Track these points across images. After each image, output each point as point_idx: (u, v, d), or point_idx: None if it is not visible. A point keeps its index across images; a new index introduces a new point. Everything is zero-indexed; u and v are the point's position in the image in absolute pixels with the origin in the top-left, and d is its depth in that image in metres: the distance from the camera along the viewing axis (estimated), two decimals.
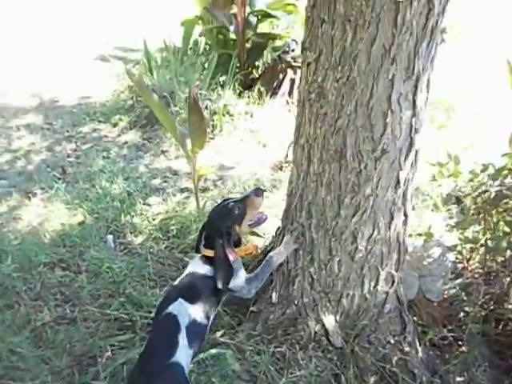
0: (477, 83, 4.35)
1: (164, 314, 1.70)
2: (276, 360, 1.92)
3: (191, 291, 1.77)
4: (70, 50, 5.51)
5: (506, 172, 1.97)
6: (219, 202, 2.00)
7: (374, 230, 1.81)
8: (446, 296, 2.25)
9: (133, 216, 2.81)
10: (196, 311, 1.71)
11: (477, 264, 2.25)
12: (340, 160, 1.71)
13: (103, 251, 2.54)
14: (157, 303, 2.17)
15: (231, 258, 1.79)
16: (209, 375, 1.87)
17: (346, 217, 1.79)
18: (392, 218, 1.81)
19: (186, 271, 1.87)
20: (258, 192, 1.93)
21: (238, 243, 1.90)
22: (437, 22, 1.49)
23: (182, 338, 1.60)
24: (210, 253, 1.83)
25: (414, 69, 1.54)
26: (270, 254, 1.96)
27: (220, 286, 1.76)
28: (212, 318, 1.82)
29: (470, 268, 2.25)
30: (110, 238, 2.66)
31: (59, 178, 3.22)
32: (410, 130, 1.66)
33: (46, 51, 5.43)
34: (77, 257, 2.50)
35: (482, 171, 2.04)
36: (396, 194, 1.77)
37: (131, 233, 2.71)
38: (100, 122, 3.97)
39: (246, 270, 2.05)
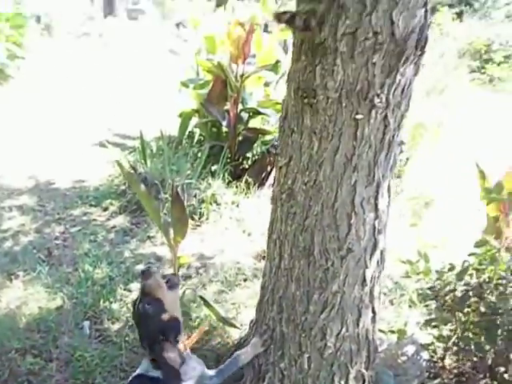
0: (454, 182, 4.57)
1: None
2: None
3: None
4: (72, 135, 5.81)
5: (471, 272, 2.05)
6: (132, 303, 1.83)
7: (342, 327, 1.84)
8: None
9: (112, 302, 2.81)
10: None
11: (451, 363, 2.24)
12: (308, 257, 1.79)
13: (77, 338, 2.52)
14: None
15: (176, 356, 1.70)
16: None
17: (314, 312, 1.83)
18: (360, 315, 1.85)
19: (137, 372, 1.77)
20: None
21: (176, 324, 1.76)
22: (393, 136, 1.66)
23: None
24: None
25: (374, 176, 1.68)
26: (238, 352, 1.96)
27: None
28: None
29: (444, 367, 2.23)
30: (86, 324, 2.64)
31: (44, 261, 3.25)
32: (374, 231, 1.76)
33: (49, 136, 5.72)
34: (50, 343, 2.47)
35: (449, 270, 2.11)
36: (363, 292, 1.83)
37: (108, 319, 2.70)
38: (91, 205, 4.09)
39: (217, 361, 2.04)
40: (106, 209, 4.03)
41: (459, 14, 16.23)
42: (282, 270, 1.89)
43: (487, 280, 2.04)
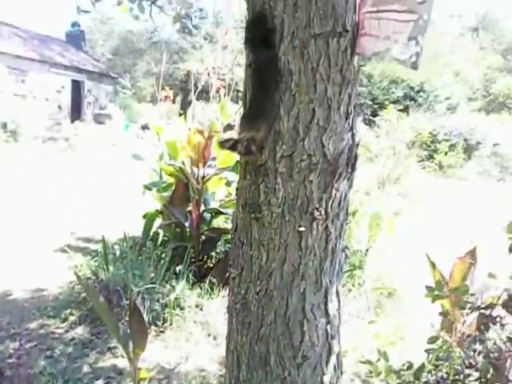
0: (413, 271, 4.71)
1: None
2: None
3: None
4: (33, 241, 5.74)
5: (429, 368, 2.08)
6: None
7: None
8: None
9: None
10: None
11: None
12: (265, 367, 1.80)
13: None
14: None
15: None
16: None
17: None
18: None
19: None
20: None
21: None
22: (336, 244, 1.78)
23: None
24: None
25: (321, 283, 1.77)
26: None
27: None
28: None
29: None
30: None
31: None
32: (327, 336, 1.81)
33: (8, 243, 5.63)
34: None
35: (408, 369, 2.13)
36: None
37: None
38: (49, 316, 3.94)
39: None
40: (65, 320, 3.89)
41: (405, 109, 17.79)
42: (241, 382, 1.88)
43: (445, 377, 2.07)
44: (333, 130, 1.66)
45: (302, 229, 1.69)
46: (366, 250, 4.83)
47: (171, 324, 3.73)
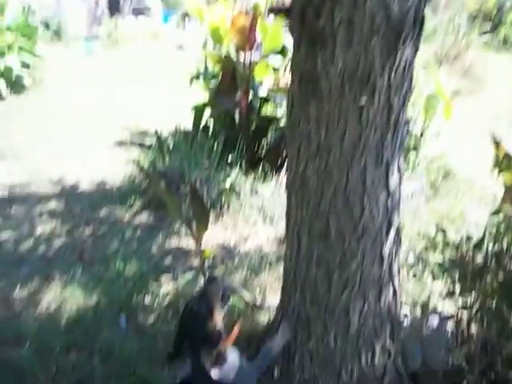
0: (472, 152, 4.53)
1: None
2: None
3: None
4: (91, 138, 5.97)
5: (488, 240, 2.08)
6: (183, 309, 1.89)
7: (364, 304, 1.91)
8: (448, 365, 2.28)
9: (145, 296, 2.95)
10: None
11: (477, 330, 2.28)
12: (326, 240, 1.86)
13: (116, 332, 2.66)
14: (166, 383, 2.26)
15: (218, 358, 1.76)
16: None
17: (336, 292, 1.90)
18: (381, 292, 1.92)
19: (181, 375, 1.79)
20: (212, 281, 1.94)
21: (218, 338, 1.81)
22: (398, 117, 1.70)
23: None
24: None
25: (383, 157, 1.73)
26: (268, 343, 2.01)
27: None
28: None
29: (470, 335, 2.28)
30: (122, 318, 2.78)
31: (77, 262, 3.41)
32: (387, 210, 1.81)
33: (69, 140, 5.89)
34: (90, 339, 2.62)
35: (467, 241, 2.14)
36: (382, 269, 1.89)
37: (143, 313, 2.83)
38: (116, 204, 4.23)
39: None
40: (130, 207, 4.17)
41: None
42: (302, 255, 1.97)
43: (505, 248, 2.07)
44: None
45: (362, 100, 1.61)
46: (422, 132, 4.66)
47: (229, 208, 3.91)
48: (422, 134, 4.55)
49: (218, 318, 1.85)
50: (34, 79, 7.97)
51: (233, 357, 1.88)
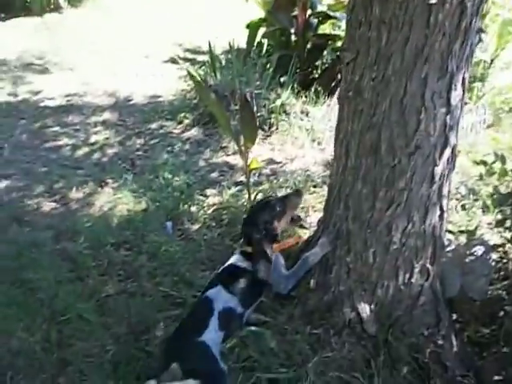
0: None
1: (203, 298, 1.93)
2: (311, 342, 2.03)
3: (231, 281, 1.96)
4: (144, 53, 5.96)
5: None
6: (261, 199, 2.20)
7: (408, 224, 1.87)
8: (489, 295, 2.25)
9: (190, 205, 3.05)
10: (232, 300, 1.90)
11: None
12: (375, 155, 1.80)
13: (162, 236, 2.80)
14: (206, 284, 2.39)
15: (269, 252, 1.97)
16: (249, 351, 2.03)
17: (380, 209, 1.87)
18: (427, 213, 1.87)
19: (228, 262, 2.07)
20: (299, 193, 2.20)
21: (275, 238, 2.07)
22: (470, 23, 1.54)
23: (213, 321, 1.79)
24: (249, 249, 2.03)
25: (447, 68, 1.60)
26: (307, 254, 2.09)
27: (260, 277, 1.95)
28: (253, 307, 2.02)
29: None
30: (168, 224, 2.91)
31: (128, 170, 3.55)
32: (445, 127, 1.71)
33: (123, 54, 5.91)
34: (139, 239, 2.78)
35: None
36: (431, 189, 1.83)
37: (188, 220, 2.95)
38: (167, 119, 4.29)
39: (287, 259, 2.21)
40: (180, 122, 4.22)
41: None
42: (349, 169, 1.93)
43: None
44: None
45: (432, 1, 1.47)
46: (491, 61, 4.28)
47: (277, 129, 3.86)
48: (491, 63, 4.18)
49: (282, 224, 2.13)
50: None
51: (277, 261, 1.99)
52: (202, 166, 3.54)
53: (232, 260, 2.07)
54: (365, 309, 2.03)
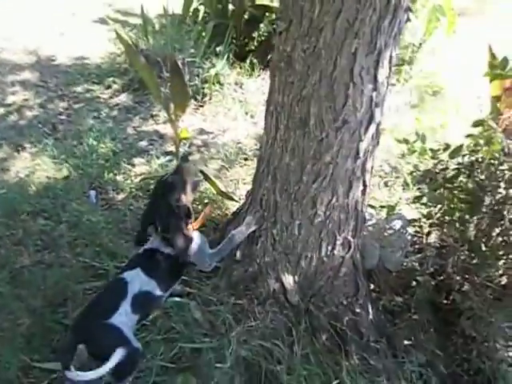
0: (466, 71, 4.40)
1: (118, 278, 1.82)
2: (235, 312, 2.05)
3: (151, 265, 1.84)
4: (71, 10, 5.52)
5: (465, 152, 2.07)
6: (156, 181, 2.01)
7: (332, 197, 1.92)
8: (403, 267, 2.40)
9: (116, 174, 2.93)
10: (150, 283, 1.80)
11: (435, 239, 2.37)
12: (304, 128, 1.81)
13: (84, 205, 2.67)
14: (130, 255, 2.32)
15: (187, 233, 1.87)
16: (173, 321, 2.01)
17: (307, 182, 1.90)
18: (351, 187, 1.92)
19: (148, 245, 1.91)
20: (185, 158, 2.17)
21: (189, 213, 1.92)
22: (400, 1, 1.57)
23: (125, 305, 1.70)
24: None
25: (376, 44, 1.62)
26: (233, 232, 2.07)
27: (182, 261, 1.88)
28: (174, 287, 1.95)
29: (428, 243, 2.37)
30: (92, 192, 2.78)
31: (49, 134, 3.32)
32: (371, 104, 1.75)
33: (47, 10, 5.44)
34: (59, 208, 2.63)
35: (444, 150, 2.13)
36: (355, 164, 1.88)
37: (113, 190, 2.83)
38: (94, 83, 4.04)
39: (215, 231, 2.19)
40: (108, 87, 3.99)
41: None
42: (278, 142, 1.92)
43: (480, 160, 2.07)
44: None
45: None
46: (420, 45, 4.45)
47: (210, 99, 3.78)
48: (419, 47, 4.36)
49: (189, 196, 1.94)
50: None
51: (199, 240, 1.94)
52: (130, 134, 3.39)
53: (152, 245, 1.91)
54: (289, 280, 2.08)
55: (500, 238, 2.06)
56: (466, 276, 2.11)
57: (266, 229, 2.07)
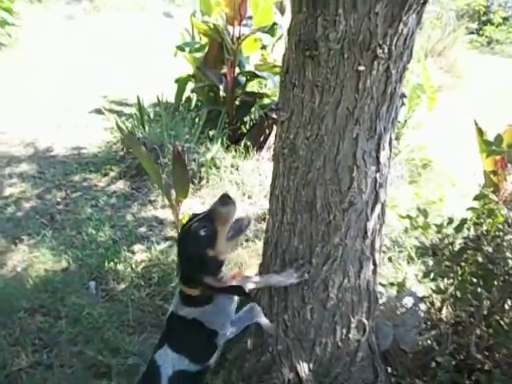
0: (452, 143, 4.59)
1: (150, 362, 1.67)
2: None
3: (177, 338, 1.67)
4: (68, 103, 5.75)
5: (468, 225, 2.09)
6: (184, 224, 1.69)
7: (344, 279, 1.89)
8: (419, 346, 2.30)
9: (116, 263, 2.87)
10: (182, 360, 1.63)
11: (448, 314, 2.31)
12: (311, 211, 1.82)
13: (84, 297, 2.58)
14: (134, 349, 2.21)
15: (215, 288, 1.61)
16: None
17: (317, 265, 1.87)
18: (361, 267, 1.90)
19: (170, 310, 1.75)
20: (224, 200, 1.62)
21: (219, 268, 1.66)
22: (395, 88, 1.66)
23: None
24: (192, 291, 1.64)
25: (376, 129, 1.69)
26: (251, 304, 1.97)
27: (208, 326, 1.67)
28: (214, 358, 1.75)
29: (441, 318, 2.31)
30: (92, 284, 2.70)
31: (47, 225, 3.29)
32: (375, 184, 1.79)
33: (45, 103, 5.65)
34: (58, 302, 2.54)
35: (448, 224, 2.15)
36: (364, 244, 1.87)
37: (114, 280, 2.76)
38: (91, 171, 4.10)
39: None
40: (105, 174, 4.04)
41: None
42: (285, 225, 1.92)
43: (485, 233, 2.08)
44: None
45: (361, 68, 1.57)
46: (405, 121, 4.67)
47: (207, 182, 3.84)
48: (404, 123, 4.57)
49: (222, 245, 1.61)
50: (10, 38, 7.61)
51: (222, 301, 1.72)
52: (129, 221, 3.38)
53: (172, 307, 1.73)
54: (303, 368, 1.98)
55: None
56: (487, 353, 2.03)
57: (277, 314, 2.00)
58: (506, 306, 2.07)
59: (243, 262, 2.95)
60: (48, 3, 11.01)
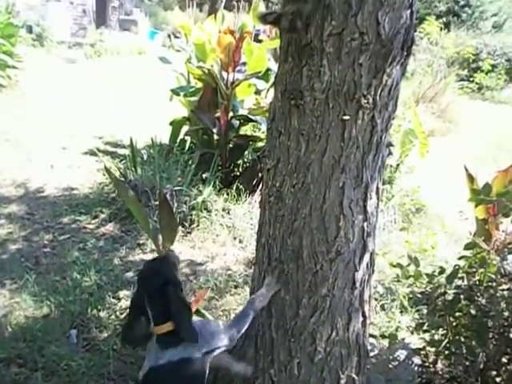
0: (444, 188, 4.59)
1: None
2: None
3: None
4: (62, 143, 5.78)
5: (461, 275, 2.04)
6: (145, 265, 1.80)
7: (332, 331, 1.81)
8: None
9: (100, 310, 2.77)
10: None
11: (443, 367, 2.22)
12: (297, 260, 1.77)
13: (64, 347, 2.47)
14: None
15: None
16: None
17: (304, 317, 1.80)
18: (350, 319, 1.83)
19: (147, 366, 1.62)
20: (171, 251, 2.06)
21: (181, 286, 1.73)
22: (381, 137, 1.66)
23: None
24: (169, 326, 1.58)
25: (362, 178, 1.67)
26: (252, 296, 1.89)
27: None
28: None
29: (436, 372, 2.21)
30: (73, 332, 2.59)
31: (31, 269, 3.20)
32: (363, 234, 1.75)
33: (38, 144, 5.67)
34: (35, 352, 2.42)
35: (440, 273, 2.10)
36: (353, 295, 1.81)
37: (96, 328, 2.65)
38: (81, 213, 4.04)
39: None
40: (95, 216, 3.99)
41: (447, 25, 16.46)
42: (271, 275, 1.87)
43: (477, 283, 2.03)
44: (390, 4, 1.46)
45: (346, 117, 1.56)
46: (397, 166, 4.69)
47: (198, 226, 3.79)
48: (397, 167, 4.58)
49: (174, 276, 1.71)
50: (10, 80, 7.75)
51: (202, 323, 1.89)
52: (116, 265, 3.30)
53: (148, 365, 1.60)
54: None
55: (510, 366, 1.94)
56: None
57: (263, 369, 1.91)
58: (504, 360, 1.99)
59: (231, 309, 2.86)
60: (50, 47, 11.34)
